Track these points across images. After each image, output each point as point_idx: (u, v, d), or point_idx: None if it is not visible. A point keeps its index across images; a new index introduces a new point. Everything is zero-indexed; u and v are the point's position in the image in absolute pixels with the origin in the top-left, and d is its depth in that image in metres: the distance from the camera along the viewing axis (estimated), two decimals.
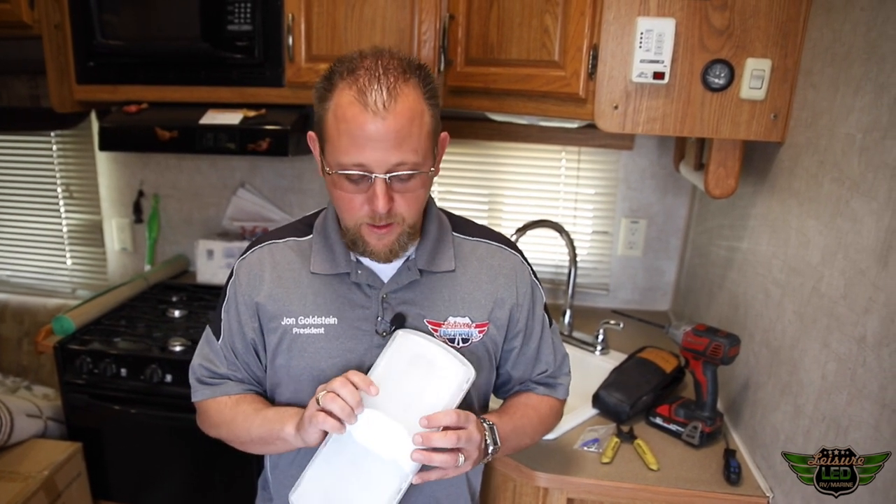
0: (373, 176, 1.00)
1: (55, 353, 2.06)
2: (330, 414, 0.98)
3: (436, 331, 1.15)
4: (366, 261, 1.14)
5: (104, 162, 2.65)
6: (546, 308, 1.29)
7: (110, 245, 2.77)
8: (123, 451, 2.15)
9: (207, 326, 1.24)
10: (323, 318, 1.14)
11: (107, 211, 2.72)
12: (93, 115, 2.53)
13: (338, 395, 0.98)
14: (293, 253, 1.19)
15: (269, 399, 1.22)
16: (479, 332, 1.18)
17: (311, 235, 1.20)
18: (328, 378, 1.10)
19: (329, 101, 1.01)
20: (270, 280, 1.16)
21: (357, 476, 1.01)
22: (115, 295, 2.35)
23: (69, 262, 2.88)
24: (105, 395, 2.06)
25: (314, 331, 1.14)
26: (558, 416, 1.34)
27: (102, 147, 2.12)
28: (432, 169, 1.08)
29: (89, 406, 2.08)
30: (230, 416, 1.17)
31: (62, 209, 2.81)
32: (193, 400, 1.22)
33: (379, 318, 1.14)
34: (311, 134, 1.11)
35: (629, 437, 1.54)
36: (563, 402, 1.35)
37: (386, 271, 1.16)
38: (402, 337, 1.08)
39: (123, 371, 2.04)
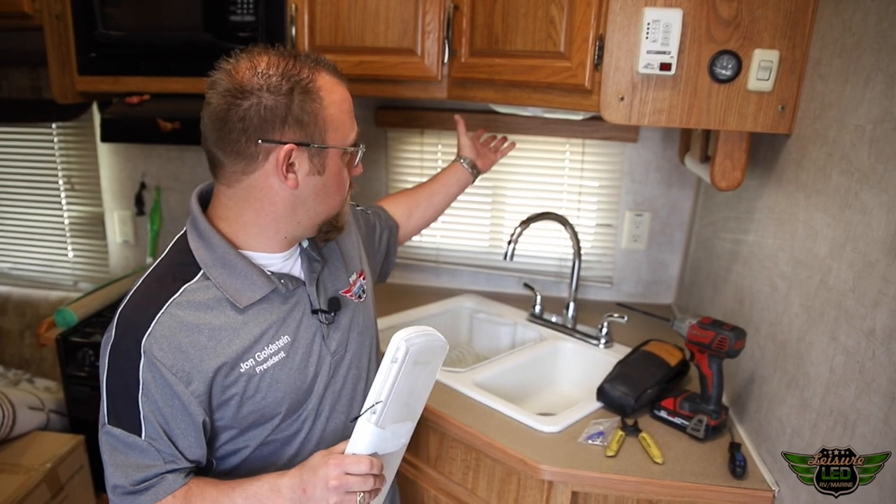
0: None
1: (57, 345, 2.06)
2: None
3: (348, 293, 1.25)
4: (276, 266, 1.12)
5: (106, 154, 2.65)
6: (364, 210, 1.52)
7: (112, 237, 2.76)
8: None
9: (108, 430, 1.01)
10: (277, 341, 1.10)
11: (108, 203, 2.71)
12: (94, 107, 2.52)
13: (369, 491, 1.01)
14: (203, 298, 1.04)
15: (243, 444, 1.12)
16: (364, 279, 1.31)
17: (200, 274, 1.06)
18: (304, 392, 1.14)
19: (316, 92, 1.03)
20: (203, 338, 1.02)
21: None
22: (117, 287, 2.35)
23: (71, 254, 2.87)
24: None
25: (276, 359, 1.09)
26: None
27: (104, 138, 2.12)
28: None
29: (91, 398, 2.08)
30: None
31: (64, 201, 2.80)
32: None
33: (318, 311, 1.16)
34: (289, 147, 1.01)
35: (634, 431, 1.53)
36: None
37: (297, 269, 1.17)
38: (409, 352, 0.98)
39: None
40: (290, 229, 1.10)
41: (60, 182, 2.77)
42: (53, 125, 2.68)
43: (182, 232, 1.14)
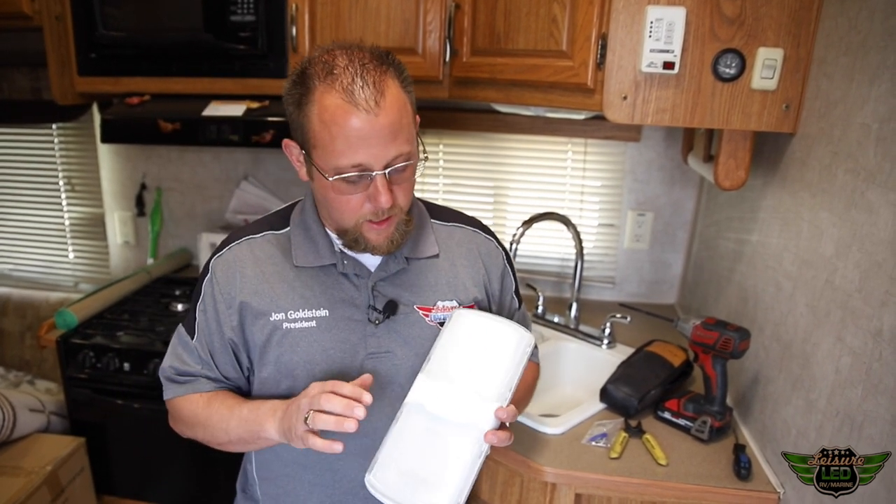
0: (373, 174, 1.01)
1: (58, 347, 2.05)
2: (317, 433, 0.97)
3: (426, 315, 1.18)
4: (349, 251, 1.14)
5: (106, 155, 2.64)
6: (517, 292, 1.34)
7: (112, 238, 2.75)
8: (127, 445, 2.15)
9: (179, 326, 1.20)
10: (314, 311, 1.13)
11: (109, 204, 2.71)
12: (94, 108, 2.51)
13: (325, 412, 0.95)
14: (273, 247, 1.16)
15: (261, 396, 1.17)
16: None
17: (288, 228, 1.18)
18: (323, 371, 1.12)
19: (310, 105, 1.00)
20: (253, 276, 1.13)
21: (435, 446, 0.99)
22: (117, 289, 2.34)
23: (71, 255, 2.86)
24: (108, 389, 2.05)
25: (306, 324, 1.12)
26: (538, 377, 1.41)
27: (104, 139, 2.11)
28: (424, 155, 1.09)
29: (92, 401, 2.08)
30: (204, 416, 1.14)
31: (64, 202, 2.79)
32: (165, 398, 1.20)
33: (370, 307, 1.14)
34: (286, 142, 1.10)
35: (637, 432, 1.52)
36: (538, 364, 1.42)
37: (371, 260, 1.16)
38: (459, 315, 1.11)
39: (126, 365, 2.03)
40: (332, 223, 1.13)
41: (61, 183, 2.77)
42: (54, 126, 2.67)
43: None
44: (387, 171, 1.01)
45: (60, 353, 2.06)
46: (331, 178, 1.01)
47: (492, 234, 1.31)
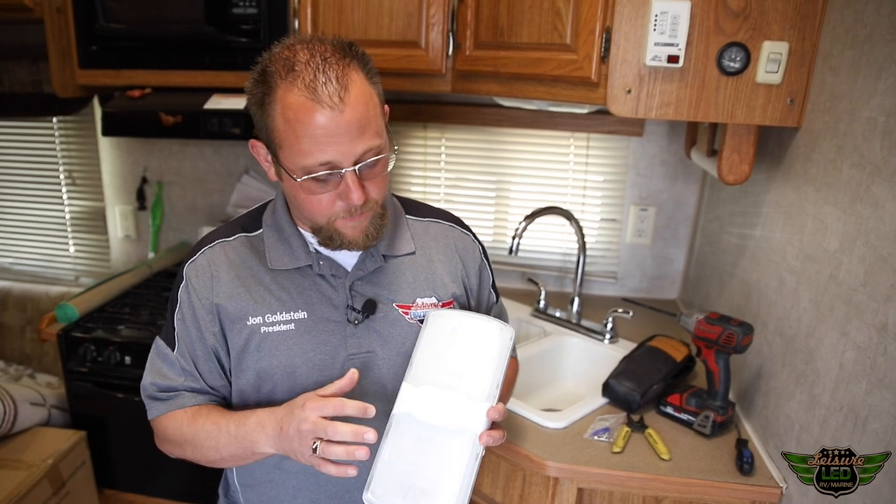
0: (343, 171, 0.98)
1: (58, 340, 2.05)
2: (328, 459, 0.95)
3: (406, 313, 1.16)
4: (325, 251, 1.13)
5: (107, 148, 2.63)
6: (494, 286, 1.35)
7: (113, 232, 2.75)
8: (128, 439, 2.14)
9: (157, 339, 1.16)
10: (291, 313, 1.11)
11: (110, 198, 2.70)
12: (95, 101, 2.50)
13: (334, 442, 0.93)
14: (246, 250, 1.14)
15: (240, 403, 1.15)
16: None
17: (260, 230, 1.16)
18: (303, 375, 1.10)
19: (273, 105, 0.97)
20: (228, 280, 1.11)
21: (429, 455, 0.97)
22: (118, 282, 2.33)
23: (72, 249, 2.86)
24: (109, 383, 2.05)
25: (284, 328, 1.10)
26: (517, 372, 1.40)
27: (105, 132, 2.10)
28: (395, 147, 1.06)
29: (93, 394, 2.08)
30: (191, 433, 1.09)
31: (65, 196, 2.79)
32: (149, 418, 1.15)
33: (348, 307, 1.13)
34: (253, 142, 1.07)
35: (640, 427, 1.52)
36: (517, 359, 1.42)
37: (347, 259, 1.15)
38: (436, 316, 1.09)
39: (127, 359, 2.02)
40: (305, 222, 1.12)
41: (61, 176, 2.76)
42: (54, 119, 2.67)
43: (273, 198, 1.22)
44: (357, 168, 0.98)
45: (61, 347, 2.06)
46: (299, 179, 0.99)
47: (468, 228, 1.30)
